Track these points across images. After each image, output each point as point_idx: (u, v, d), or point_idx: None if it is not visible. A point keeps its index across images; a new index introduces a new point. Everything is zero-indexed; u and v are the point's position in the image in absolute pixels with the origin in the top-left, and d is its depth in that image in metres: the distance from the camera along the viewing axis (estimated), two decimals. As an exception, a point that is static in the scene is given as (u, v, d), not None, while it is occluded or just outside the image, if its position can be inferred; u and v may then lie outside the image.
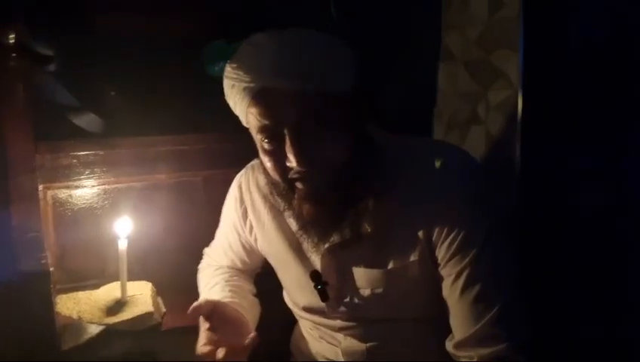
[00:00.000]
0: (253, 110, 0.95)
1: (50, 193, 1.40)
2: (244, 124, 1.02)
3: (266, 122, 0.94)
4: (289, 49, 0.93)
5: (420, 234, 1.00)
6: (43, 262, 1.18)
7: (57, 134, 1.39)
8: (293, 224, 1.09)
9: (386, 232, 1.03)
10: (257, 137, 0.98)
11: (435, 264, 1.02)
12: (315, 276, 1.10)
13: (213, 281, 1.28)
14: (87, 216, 1.44)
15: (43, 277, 1.13)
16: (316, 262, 1.11)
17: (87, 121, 1.39)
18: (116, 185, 1.47)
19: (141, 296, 1.29)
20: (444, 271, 1.00)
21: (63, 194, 1.41)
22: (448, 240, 0.98)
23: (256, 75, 0.92)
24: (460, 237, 0.97)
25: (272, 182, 1.05)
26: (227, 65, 0.98)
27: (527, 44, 1.45)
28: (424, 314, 1.07)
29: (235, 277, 1.29)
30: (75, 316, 1.19)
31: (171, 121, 1.51)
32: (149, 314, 1.24)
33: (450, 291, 0.99)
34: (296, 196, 1.00)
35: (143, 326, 1.22)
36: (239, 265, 1.31)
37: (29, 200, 1.32)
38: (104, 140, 1.42)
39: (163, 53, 1.51)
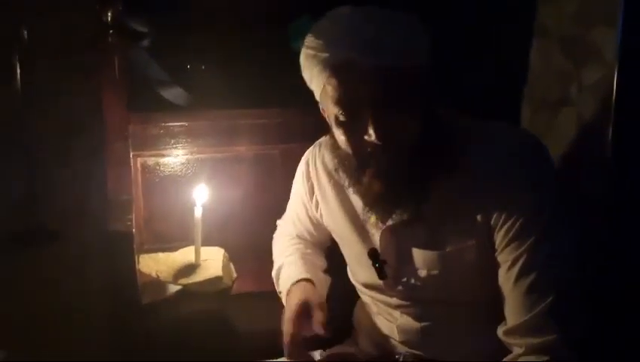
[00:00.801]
0: (333, 82, 0.96)
1: (139, 160, 1.51)
2: (317, 97, 1.04)
3: (346, 95, 0.95)
4: (371, 24, 0.95)
5: (479, 217, 1.00)
6: (128, 223, 1.30)
7: (148, 106, 1.48)
8: (358, 201, 1.12)
9: (446, 213, 1.04)
10: (333, 110, 0.99)
11: (492, 249, 1.01)
12: (373, 254, 1.12)
13: (289, 251, 1.33)
14: (171, 183, 1.54)
15: (127, 237, 1.24)
16: (377, 240, 1.12)
17: (174, 94, 1.48)
18: (199, 155, 1.56)
19: (213, 261, 1.38)
20: (500, 257, 0.99)
21: (151, 161, 1.53)
22: (507, 225, 0.97)
23: (339, 47, 0.94)
24: (518, 223, 0.96)
25: (340, 158, 1.07)
26: (308, 35, 1.00)
27: (627, 20, 1.35)
28: (480, 298, 1.06)
29: (308, 250, 1.34)
30: (154, 274, 1.30)
31: (254, 95, 1.57)
32: (218, 278, 1.32)
33: (506, 278, 0.98)
34: (367, 172, 1.02)
35: (212, 288, 1.31)
36: (307, 236, 1.36)
37: (122, 165, 1.46)
38: (189, 112, 1.51)
39: (248, 28, 1.57)
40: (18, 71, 1.42)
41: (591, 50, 1.44)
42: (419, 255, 1.08)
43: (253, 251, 1.48)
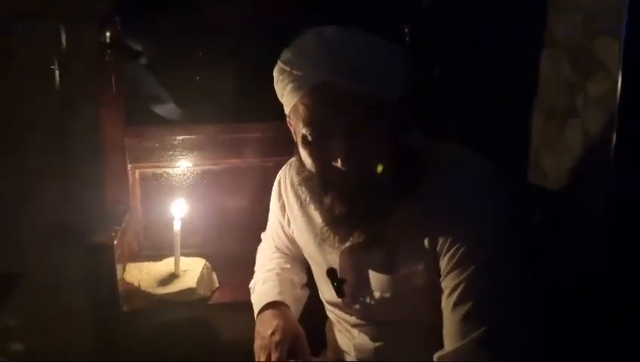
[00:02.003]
0: (306, 102, 0.95)
1: (138, 171, 1.58)
2: (287, 112, 1.04)
3: (318, 117, 0.95)
4: (354, 49, 0.94)
5: (427, 242, 1.00)
6: (113, 234, 1.36)
7: (144, 120, 1.55)
8: (318, 219, 1.12)
9: (401, 238, 1.04)
10: (302, 130, 0.98)
11: (438, 275, 1.00)
12: (331, 273, 1.13)
13: (269, 265, 1.35)
14: (168, 193, 1.61)
15: (108, 247, 1.31)
16: (336, 259, 1.12)
17: (167, 110, 1.54)
18: (195, 167, 1.61)
19: (191, 272, 1.42)
20: (443, 284, 0.98)
21: (148, 172, 1.59)
22: (450, 252, 0.96)
23: (318, 68, 0.93)
24: (460, 252, 0.95)
25: (304, 175, 1.07)
26: (285, 50, 1.00)
27: (630, 32, 1.27)
28: (431, 321, 1.04)
29: (287, 265, 1.36)
30: (136, 283, 1.36)
31: (250, 109, 1.60)
32: (192, 290, 1.37)
33: (445, 304, 0.97)
34: (329, 194, 1.02)
35: (187, 299, 1.35)
36: (286, 251, 1.37)
37: (119, 176, 1.54)
38: (184, 127, 1.56)
39: (246, 42, 1.60)
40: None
41: (596, 61, 1.38)
42: (374, 277, 1.08)
43: (249, 261, 1.51)
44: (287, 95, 0.99)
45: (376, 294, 1.08)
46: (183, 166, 1.61)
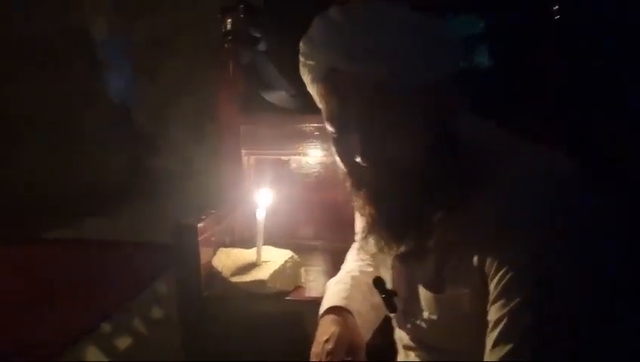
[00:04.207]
0: (322, 92, 0.88)
1: (252, 158, 1.59)
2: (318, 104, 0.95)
3: (333, 107, 0.87)
4: (364, 26, 0.82)
5: (474, 261, 0.83)
6: (203, 217, 1.40)
7: (258, 107, 1.55)
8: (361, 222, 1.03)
9: (448, 252, 0.88)
10: (327, 124, 0.90)
11: (486, 301, 0.82)
12: (378, 283, 1.03)
13: (350, 266, 1.27)
14: (278, 180, 1.58)
15: (193, 229, 1.35)
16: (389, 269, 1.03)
17: (278, 97, 1.51)
18: (305, 157, 1.55)
19: (271, 264, 1.36)
20: (488, 314, 0.81)
21: (260, 159, 1.59)
22: (497, 278, 0.79)
23: (324, 53, 0.85)
24: (507, 277, 0.77)
25: (343, 176, 0.96)
26: (302, 38, 0.91)
27: None
28: (481, 357, 0.85)
29: (369, 269, 1.24)
30: (220, 269, 1.37)
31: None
32: (261, 282, 1.32)
33: (488, 339, 0.80)
34: (360, 195, 0.91)
35: (257, 291, 1.31)
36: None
37: (234, 161, 1.57)
38: (293, 115, 1.52)
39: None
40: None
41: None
42: (423, 294, 0.95)
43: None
44: (309, 89, 0.91)
45: (425, 314, 0.95)
46: (297, 154, 1.57)
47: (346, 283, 1.20)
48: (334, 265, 1.33)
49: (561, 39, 1.33)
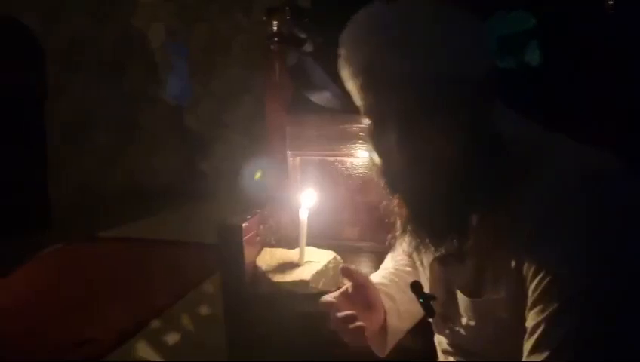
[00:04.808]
0: (359, 86, 0.88)
1: (297, 159, 1.59)
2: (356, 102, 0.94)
3: (371, 102, 0.87)
4: (404, 22, 0.82)
5: (512, 265, 0.81)
6: (248, 217, 1.41)
7: (303, 109, 1.55)
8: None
9: (486, 256, 0.87)
10: (364, 118, 0.91)
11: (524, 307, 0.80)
12: (415, 287, 1.00)
13: (389, 264, 1.26)
14: (323, 181, 1.57)
15: (237, 229, 1.36)
16: (426, 272, 1.02)
17: (324, 99, 1.50)
18: (350, 158, 1.54)
19: (314, 264, 1.36)
20: (527, 321, 0.79)
21: (306, 160, 1.59)
22: (535, 282, 0.77)
23: (363, 47, 0.84)
24: (545, 282, 0.75)
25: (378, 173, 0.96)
26: (342, 34, 0.91)
27: None
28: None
29: (408, 269, 1.23)
30: (264, 268, 1.38)
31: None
32: (304, 282, 1.32)
33: (525, 345, 0.78)
34: (396, 193, 0.91)
35: (300, 290, 1.31)
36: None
37: (280, 162, 1.57)
38: (339, 116, 1.50)
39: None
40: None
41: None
42: (461, 299, 0.93)
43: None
44: (345, 80, 0.90)
45: (463, 320, 0.93)
46: (342, 155, 1.55)
47: (383, 273, 1.20)
48: (378, 266, 1.30)
49: (612, 35, 1.27)
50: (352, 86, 0.89)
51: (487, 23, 1.43)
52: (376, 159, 0.89)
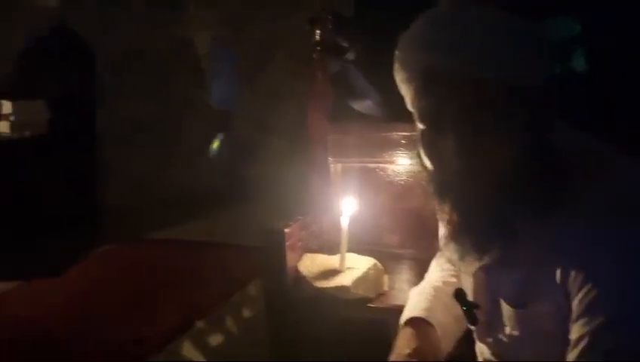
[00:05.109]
0: (415, 89, 0.87)
1: (339, 166, 1.62)
2: (409, 106, 0.94)
3: (428, 106, 0.86)
4: (465, 27, 0.82)
5: (557, 276, 0.80)
6: (290, 223, 1.44)
7: (345, 116, 1.58)
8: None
9: (532, 266, 0.86)
10: (418, 123, 0.89)
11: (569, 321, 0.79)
12: (459, 295, 1.00)
13: (434, 275, 1.24)
14: (365, 188, 1.59)
15: (280, 234, 1.40)
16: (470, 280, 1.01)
17: (364, 106, 1.53)
18: (392, 165, 1.56)
19: (355, 271, 1.38)
20: (571, 333, 0.79)
21: (347, 167, 1.61)
22: (580, 294, 0.77)
23: (422, 50, 0.85)
24: (591, 295, 0.75)
25: (427, 179, 0.95)
26: (401, 37, 0.91)
27: None
28: None
29: (453, 279, 1.22)
30: (305, 273, 1.41)
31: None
32: (345, 288, 1.33)
33: (567, 357, 0.78)
34: (447, 199, 0.90)
35: (341, 296, 1.33)
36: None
37: (322, 169, 1.61)
38: (380, 124, 1.53)
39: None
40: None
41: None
42: (505, 308, 0.92)
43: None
44: (400, 84, 0.90)
45: (507, 329, 0.92)
46: (384, 162, 1.57)
47: (428, 293, 1.17)
48: (419, 273, 1.31)
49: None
50: (406, 90, 0.89)
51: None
52: (428, 165, 0.89)
